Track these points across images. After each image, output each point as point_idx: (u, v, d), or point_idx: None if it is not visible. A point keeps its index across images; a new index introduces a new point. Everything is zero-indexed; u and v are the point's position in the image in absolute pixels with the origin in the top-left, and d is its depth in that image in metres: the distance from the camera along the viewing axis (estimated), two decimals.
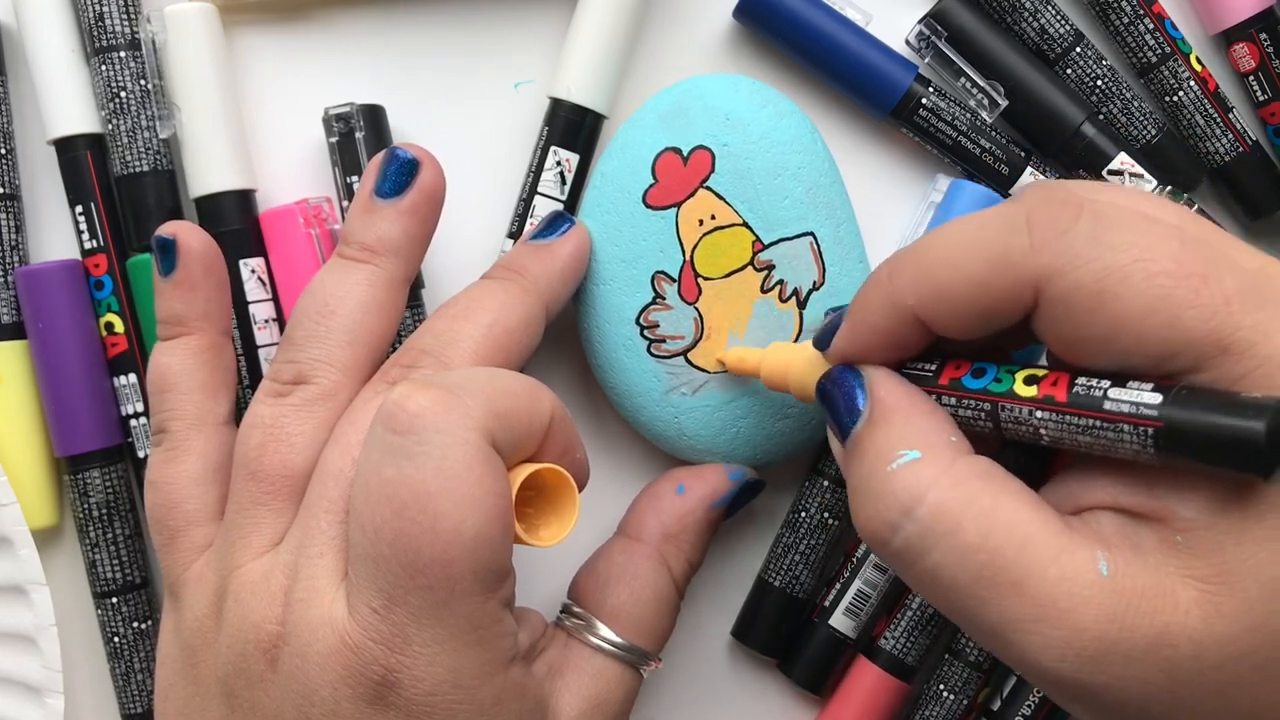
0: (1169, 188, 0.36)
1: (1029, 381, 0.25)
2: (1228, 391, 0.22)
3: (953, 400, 0.26)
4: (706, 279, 0.35)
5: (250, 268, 0.37)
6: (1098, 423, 0.23)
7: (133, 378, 0.37)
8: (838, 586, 0.37)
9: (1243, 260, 0.24)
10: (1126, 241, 0.23)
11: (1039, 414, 0.24)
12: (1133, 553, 0.23)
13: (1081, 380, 0.24)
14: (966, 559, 0.23)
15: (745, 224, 0.35)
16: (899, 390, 0.26)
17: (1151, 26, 0.37)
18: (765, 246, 0.35)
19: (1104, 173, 0.37)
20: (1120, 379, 0.23)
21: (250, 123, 0.38)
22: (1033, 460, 0.29)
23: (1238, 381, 0.22)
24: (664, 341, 0.35)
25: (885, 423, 0.26)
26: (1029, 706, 0.36)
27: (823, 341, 0.29)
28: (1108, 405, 0.23)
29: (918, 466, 0.25)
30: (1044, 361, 0.28)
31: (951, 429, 0.26)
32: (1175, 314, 0.22)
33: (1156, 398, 0.22)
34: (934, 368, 0.27)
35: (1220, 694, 0.22)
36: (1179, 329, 0.22)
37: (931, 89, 0.37)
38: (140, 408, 0.37)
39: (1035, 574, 0.23)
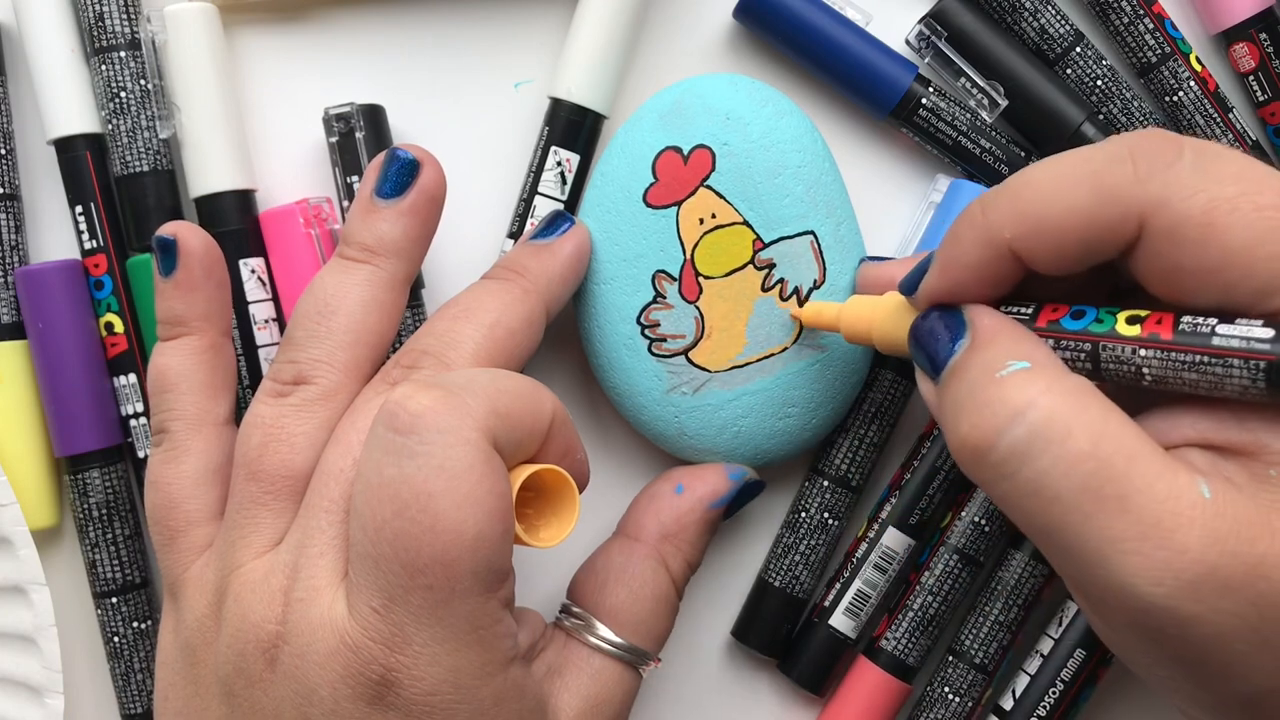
0: None
1: (1132, 321, 0.25)
2: None
3: (1051, 342, 0.26)
4: (707, 278, 0.35)
5: (250, 268, 0.37)
6: (1206, 359, 0.23)
7: (133, 378, 0.37)
8: (838, 586, 0.37)
9: None
10: (1232, 174, 0.23)
11: (1143, 352, 0.24)
12: (1227, 484, 0.23)
13: (1187, 318, 0.24)
14: (1075, 468, 0.23)
15: (746, 223, 0.35)
16: (1000, 318, 0.26)
17: (1151, 26, 0.37)
18: (766, 245, 0.35)
19: None
20: (1225, 316, 0.23)
21: (250, 123, 0.38)
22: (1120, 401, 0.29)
23: None
24: (665, 341, 0.35)
25: (990, 343, 0.25)
26: (1045, 707, 0.36)
27: (909, 285, 0.28)
28: (1216, 341, 0.23)
29: (1028, 374, 0.24)
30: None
31: (1055, 355, 0.25)
32: None
33: (1268, 332, 0.22)
34: (1030, 311, 0.26)
35: None
36: None
37: (931, 89, 0.37)
38: (140, 408, 0.37)
39: (1143, 490, 0.22)
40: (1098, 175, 0.24)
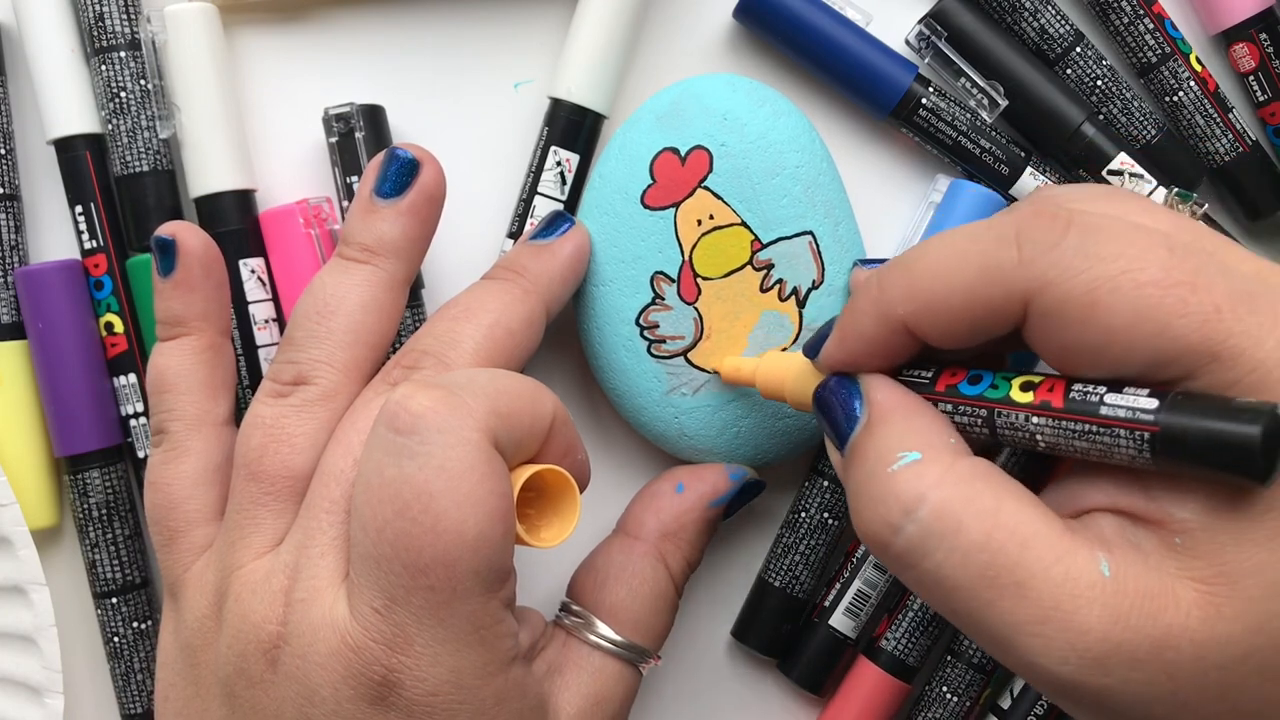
0: (1175, 189, 0.36)
1: (1025, 388, 0.25)
2: (1222, 397, 0.22)
3: (949, 407, 0.26)
4: (706, 279, 0.35)
5: (250, 268, 0.37)
6: (1094, 428, 0.23)
7: (133, 378, 0.37)
8: (838, 586, 0.37)
9: (1237, 265, 0.24)
10: (1114, 252, 0.23)
11: (1035, 420, 0.24)
12: (1134, 554, 0.23)
13: (1078, 386, 0.24)
14: (969, 559, 0.23)
15: (744, 223, 0.35)
16: (896, 393, 0.27)
17: (1151, 26, 0.37)
18: (764, 246, 0.35)
19: (1104, 173, 0.37)
20: (1116, 385, 0.23)
21: (250, 123, 0.38)
22: (1033, 465, 0.29)
23: (1230, 388, 0.22)
24: (664, 342, 0.35)
25: (884, 425, 0.26)
26: (1041, 706, 0.36)
27: (812, 350, 0.29)
28: (1104, 410, 0.23)
29: (919, 467, 0.25)
30: (1041, 366, 0.28)
31: (951, 431, 0.26)
32: (1165, 322, 0.22)
33: (1153, 403, 0.23)
34: (930, 375, 0.27)
35: (1222, 696, 0.22)
36: (1169, 337, 0.22)
37: (931, 89, 0.37)
38: (140, 408, 0.37)
39: (1038, 575, 0.23)
40: (983, 256, 0.25)
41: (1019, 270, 0.24)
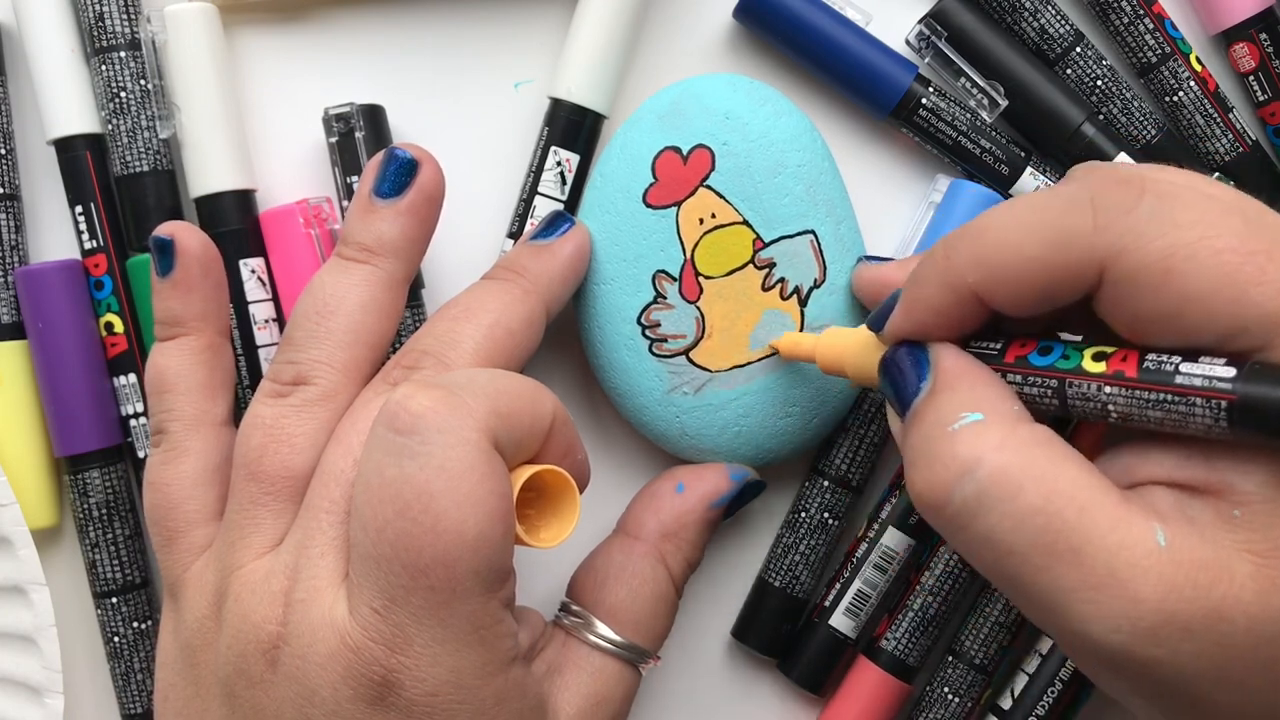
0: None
1: (1098, 358, 0.25)
2: None
3: (1018, 378, 0.26)
4: (707, 278, 0.35)
5: (250, 268, 0.37)
6: (1170, 397, 0.23)
7: (133, 378, 0.37)
8: (838, 586, 0.37)
9: None
10: (1191, 219, 0.23)
11: (1108, 390, 0.24)
12: (1188, 527, 0.23)
13: (1152, 356, 0.24)
14: (1025, 522, 0.23)
15: (745, 222, 0.35)
16: (963, 361, 0.26)
17: (1151, 26, 0.37)
18: (766, 245, 0.35)
19: None
20: (1190, 354, 0.23)
21: (250, 123, 0.38)
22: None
23: None
24: (665, 341, 0.35)
25: (949, 390, 0.26)
26: (1043, 706, 0.36)
27: (877, 322, 0.28)
28: (1179, 380, 0.23)
29: (979, 428, 0.24)
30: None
31: (1015, 400, 0.26)
32: (1242, 290, 0.22)
33: (1230, 371, 0.22)
34: (999, 346, 0.27)
35: (1268, 669, 0.22)
36: (1246, 304, 0.22)
37: (931, 89, 0.37)
38: (140, 408, 0.37)
39: (1094, 541, 0.23)
40: (1057, 222, 0.24)
41: (1094, 235, 0.24)
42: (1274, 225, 0.24)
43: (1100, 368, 0.24)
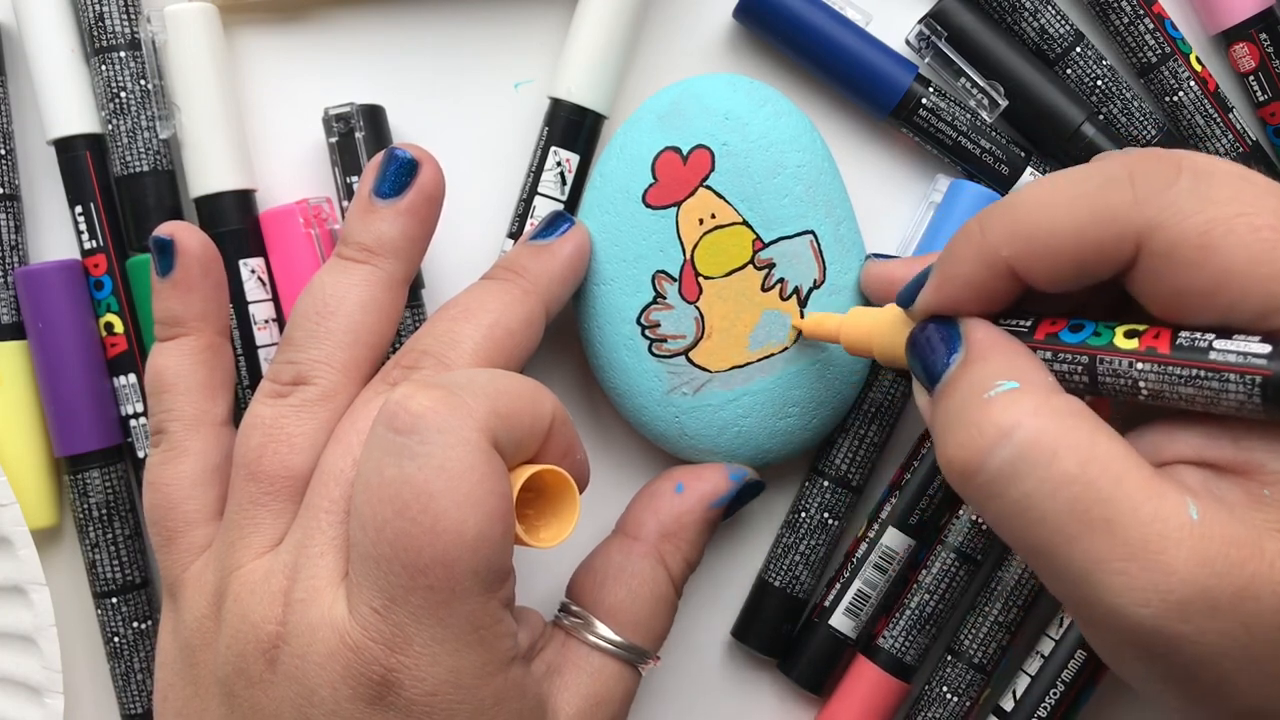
0: None
1: (1130, 335, 0.25)
2: None
3: (1048, 355, 0.26)
4: (707, 278, 0.35)
5: (250, 268, 0.37)
6: (1203, 373, 0.23)
7: (132, 378, 0.37)
8: (838, 586, 0.37)
9: None
10: (1228, 196, 0.23)
11: (1140, 366, 0.24)
12: (1218, 505, 0.23)
13: (1185, 332, 0.24)
14: (1060, 490, 0.23)
15: (745, 223, 0.35)
16: (995, 333, 0.26)
17: (1151, 26, 0.37)
18: (765, 245, 0.35)
19: None
20: (1224, 332, 0.23)
21: (250, 123, 0.38)
22: None
23: None
24: (665, 341, 0.35)
25: (982, 361, 0.26)
26: (1045, 708, 0.36)
27: (907, 297, 0.28)
28: (1213, 355, 0.23)
29: (1016, 394, 0.24)
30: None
31: (1047, 372, 0.25)
32: (1279, 267, 0.22)
33: (1265, 348, 0.22)
34: (1029, 324, 0.27)
35: None
36: None
37: (931, 89, 0.37)
38: (140, 408, 0.37)
39: (1128, 512, 0.23)
40: (1095, 196, 0.24)
41: (1132, 210, 0.24)
42: None
43: (1133, 344, 0.24)
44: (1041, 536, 0.23)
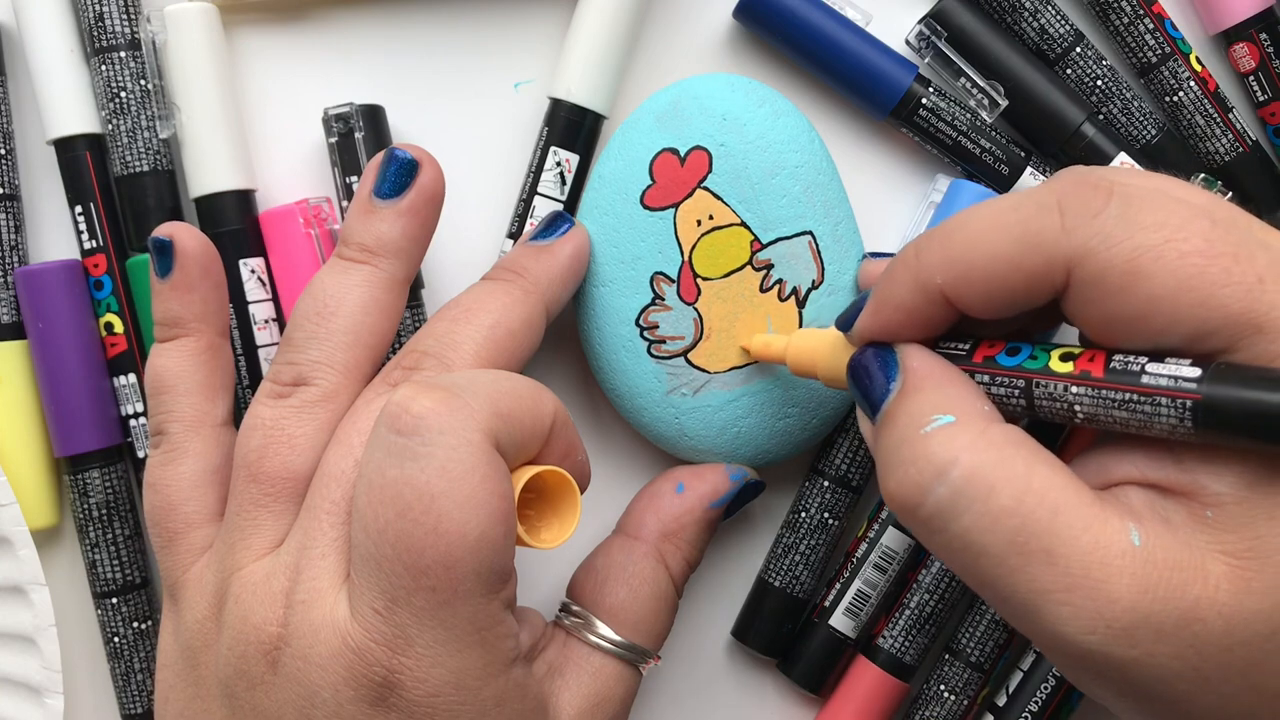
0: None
1: (1064, 358, 0.25)
2: (1265, 368, 0.22)
3: (986, 378, 0.26)
4: (705, 279, 0.35)
5: (250, 268, 0.37)
6: (1135, 397, 0.23)
7: (132, 378, 0.37)
8: (838, 586, 0.37)
9: (1272, 241, 0.24)
10: (1157, 221, 0.23)
11: (1075, 390, 0.24)
12: (1162, 527, 0.23)
13: (1119, 356, 0.24)
14: (999, 523, 0.23)
15: (743, 224, 0.35)
16: (932, 361, 0.26)
17: (1151, 26, 0.37)
18: (764, 246, 0.35)
19: None
20: (1157, 356, 0.23)
21: (250, 123, 0.38)
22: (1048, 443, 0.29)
23: (1274, 360, 0.22)
24: (664, 342, 0.35)
25: (918, 391, 0.26)
26: (1035, 703, 0.36)
27: (846, 322, 0.29)
28: (1145, 379, 0.23)
29: (952, 430, 0.24)
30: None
31: (985, 400, 0.26)
32: (1208, 292, 0.22)
33: (1195, 372, 0.22)
34: (967, 347, 0.27)
35: (1245, 672, 0.22)
36: (1212, 307, 0.22)
37: (931, 89, 0.37)
38: (140, 408, 0.37)
39: (1068, 542, 0.23)
40: (1026, 224, 0.25)
41: (1061, 238, 0.24)
42: (1244, 227, 0.24)
43: (1067, 368, 0.25)
44: (985, 569, 0.24)
